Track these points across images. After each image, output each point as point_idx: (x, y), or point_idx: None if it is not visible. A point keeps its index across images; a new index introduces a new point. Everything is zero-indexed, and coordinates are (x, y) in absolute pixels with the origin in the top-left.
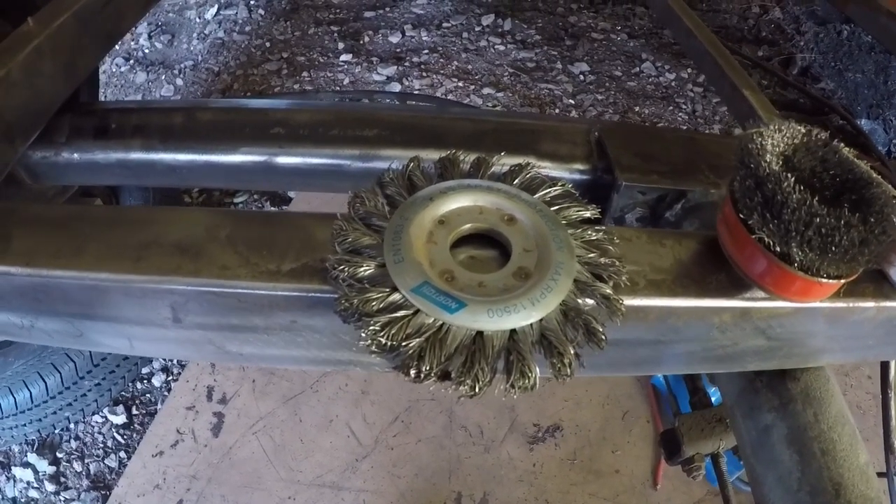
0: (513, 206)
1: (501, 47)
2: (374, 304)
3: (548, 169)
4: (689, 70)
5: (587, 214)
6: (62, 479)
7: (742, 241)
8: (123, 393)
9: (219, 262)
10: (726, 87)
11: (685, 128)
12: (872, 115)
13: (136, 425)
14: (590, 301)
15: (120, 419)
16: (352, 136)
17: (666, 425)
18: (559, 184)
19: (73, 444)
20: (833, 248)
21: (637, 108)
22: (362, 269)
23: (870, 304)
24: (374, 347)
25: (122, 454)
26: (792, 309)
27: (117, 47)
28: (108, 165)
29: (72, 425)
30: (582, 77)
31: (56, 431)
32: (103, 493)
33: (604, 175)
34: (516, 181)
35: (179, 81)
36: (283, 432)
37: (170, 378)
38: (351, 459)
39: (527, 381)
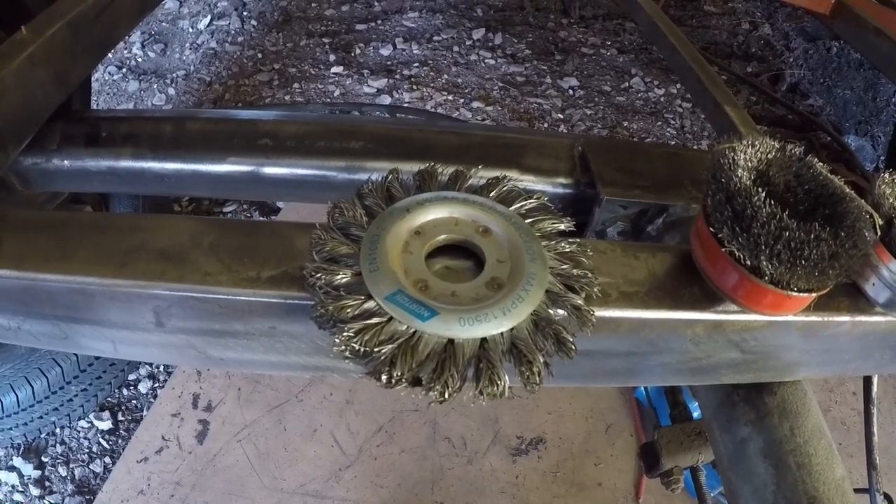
0: (488, 218)
1: (491, 61)
2: (348, 311)
3: (531, 183)
4: (679, 86)
5: (562, 227)
6: (47, 484)
7: (714, 255)
8: (109, 399)
9: (202, 268)
10: (708, 103)
11: (673, 143)
12: (860, 132)
13: (121, 431)
14: (561, 312)
15: (106, 425)
16: (338, 148)
17: (649, 439)
18: (535, 196)
19: (59, 448)
20: (803, 262)
21: (626, 123)
22: (338, 277)
23: (845, 318)
24: (347, 353)
25: (108, 459)
26: (765, 322)
27: (110, 56)
28: (98, 173)
29: (58, 430)
30: (571, 92)
31: (42, 436)
32: (87, 497)
33: (586, 189)
34: (493, 194)
35: (171, 91)
36: (268, 440)
37: (156, 385)
38: (334, 468)
39: (495, 388)
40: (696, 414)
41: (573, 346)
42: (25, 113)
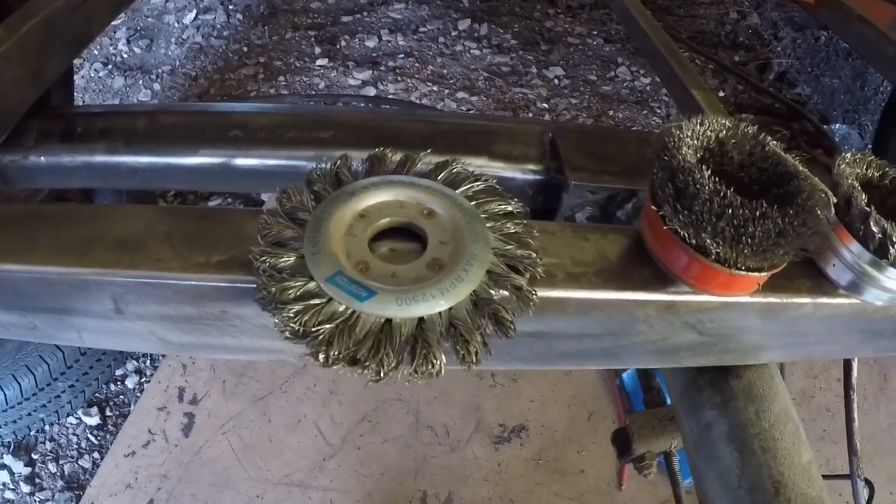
0: (433, 201)
1: (477, 52)
2: (290, 292)
3: (500, 169)
4: None
5: (509, 208)
6: (37, 481)
7: (661, 235)
8: (97, 394)
9: (155, 255)
10: (676, 87)
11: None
12: (848, 120)
13: (109, 426)
14: (503, 292)
15: (94, 420)
16: (308, 138)
17: None
18: (483, 179)
19: (48, 445)
20: (747, 240)
21: (611, 113)
22: (282, 259)
23: (805, 299)
24: (287, 334)
25: (96, 455)
26: (719, 303)
27: (95, 52)
28: (74, 168)
29: (47, 427)
30: (557, 81)
31: (31, 433)
32: (77, 493)
33: (556, 175)
34: (440, 176)
35: (157, 86)
36: (253, 432)
37: (143, 380)
38: (318, 459)
39: (431, 367)
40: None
41: (512, 326)
42: (0, 110)
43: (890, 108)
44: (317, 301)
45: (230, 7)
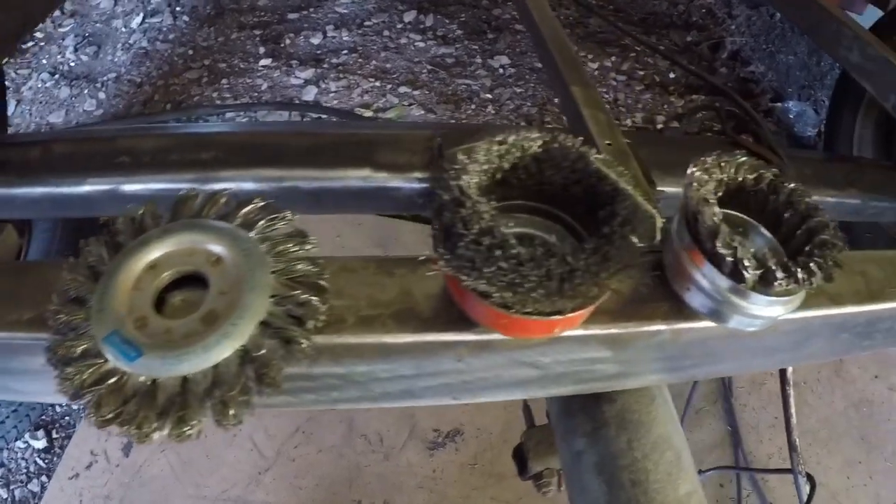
0: (223, 246)
1: (422, 44)
2: (72, 352)
3: (383, 180)
4: (613, 59)
5: (303, 250)
6: None
7: (448, 275)
8: (43, 417)
9: None
10: (559, 84)
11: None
12: (804, 97)
13: (56, 449)
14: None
15: (41, 443)
16: (190, 161)
17: None
18: (281, 218)
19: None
20: (523, 285)
21: (556, 100)
22: (75, 317)
23: (660, 326)
24: (66, 394)
25: (45, 478)
26: (545, 340)
27: (44, 61)
28: None
29: None
30: (502, 70)
31: None
32: None
33: None
34: (238, 218)
35: (102, 95)
36: (190, 448)
37: None
38: (254, 472)
39: (184, 429)
40: None
41: (277, 382)
42: None
43: (841, 82)
44: (93, 361)
45: (177, 9)
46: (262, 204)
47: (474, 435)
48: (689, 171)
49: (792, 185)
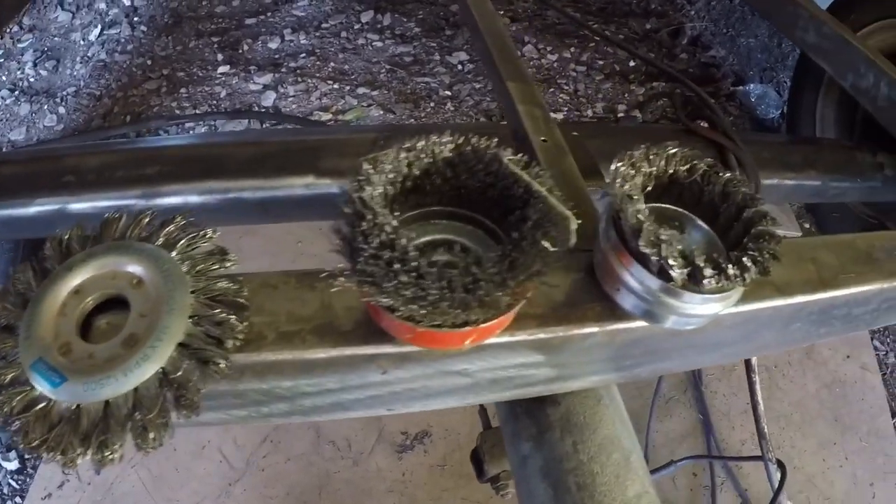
0: (143, 268)
1: (379, 43)
2: (4, 379)
3: (327, 186)
4: (572, 49)
5: (227, 266)
6: None
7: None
8: (14, 438)
9: None
10: (495, 78)
11: (565, 109)
12: (766, 79)
13: (28, 469)
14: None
15: (13, 465)
16: (135, 176)
17: None
18: (202, 236)
19: None
20: (424, 297)
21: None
22: (5, 345)
23: (592, 328)
24: None
25: (18, 500)
26: (468, 348)
27: (3, 78)
28: None
29: None
30: (460, 67)
31: None
32: None
33: None
34: (161, 238)
35: (62, 110)
36: (160, 463)
37: None
38: (224, 484)
39: (106, 454)
40: None
41: (195, 403)
42: None
43: (801, 63)
44: (21, 389)
45: (135, 19)
46: (184, 222)
47: (442, 436)
48: (612, 167)
49: (727, 174)
